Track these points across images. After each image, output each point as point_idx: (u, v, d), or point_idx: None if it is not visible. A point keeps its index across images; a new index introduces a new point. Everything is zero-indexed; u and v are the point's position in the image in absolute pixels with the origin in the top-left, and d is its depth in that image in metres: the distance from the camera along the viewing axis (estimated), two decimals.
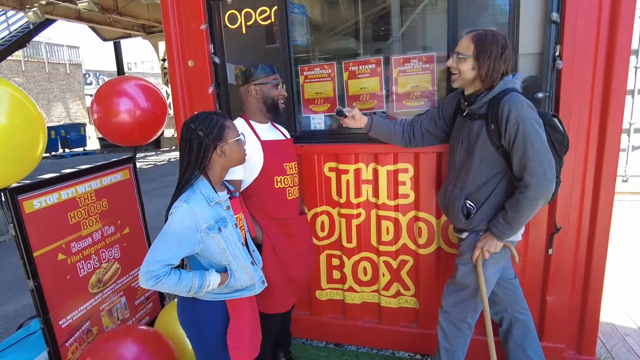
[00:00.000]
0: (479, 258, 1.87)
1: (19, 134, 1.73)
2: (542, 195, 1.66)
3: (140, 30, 14.87)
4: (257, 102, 2.02)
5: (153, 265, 1.42)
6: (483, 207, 1.84)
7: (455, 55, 1.80)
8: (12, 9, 11.02)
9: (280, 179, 2.02)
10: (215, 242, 1.53)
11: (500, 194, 1.82)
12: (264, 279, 1.73)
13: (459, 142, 1.91)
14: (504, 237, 1.79)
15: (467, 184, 1.87)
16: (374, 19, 2.69)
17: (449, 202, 1.95)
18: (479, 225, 1.87)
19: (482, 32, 1.74)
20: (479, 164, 1.81)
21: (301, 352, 2.65)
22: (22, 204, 1.93)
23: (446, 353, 2.08)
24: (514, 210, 1.72)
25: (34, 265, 1.96)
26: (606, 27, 1.94)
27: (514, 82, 1.77)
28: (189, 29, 2.45)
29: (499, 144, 1.74)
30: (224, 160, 1.58)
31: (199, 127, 1.53)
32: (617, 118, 1.98)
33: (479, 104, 1.79)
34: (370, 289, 2.58)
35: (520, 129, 1.65)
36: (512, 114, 1.66)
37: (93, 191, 2.34)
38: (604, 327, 2.76)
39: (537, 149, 1.64)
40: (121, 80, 2.53)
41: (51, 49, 22.33)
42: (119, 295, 2.51)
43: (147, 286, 1.43)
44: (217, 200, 1.55)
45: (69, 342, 2.14)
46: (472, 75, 1.77)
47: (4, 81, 1.77)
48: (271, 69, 2.03)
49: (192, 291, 1.50)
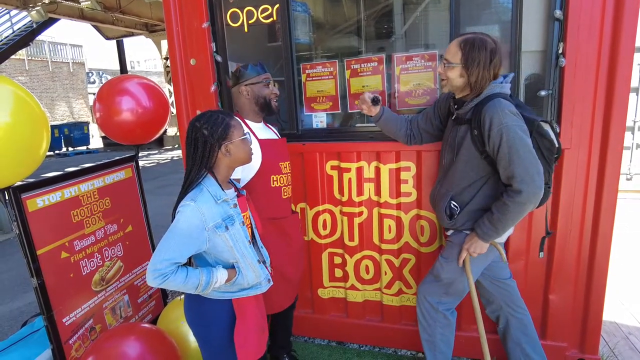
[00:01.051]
0: (467, 259, 1.89)
1: (23, 132, 1.74)
2: (530, 201, 1.65)
3: (143, 29, 14.90)
4: (249, 102, 2.02)
5: (160, 264, 1.42)
6: (467, 208, 1.85)
7: (443, 62, 1.78)
8: (16, 8, 11.06)
9: (276, 178, 2.03)
10: (223, 240, 1.54)
11: (484, 196, 1.83)
12: (269, 278, 1.73)
13: (446, 146, 1.93)
14: (488, 238, 1.79)
15: (452, 185, 1.88)
16: (376, 16, 2.68)
17: (436, 202, 1.99)
18: (463, 225, 1.89)
19: (470, 38, 1.70)
20: (463, 167, 1.82)
21: (303, 351, 2.66)
22: (25, 203, 1.94)
23: (427, 344, 2.10)
24: (501, 213, 1.71)
25: (37, 263, 1.97)
26: (610, 24, 1.93)
27: (502, 86, 1.75)
28: (191, 27, 2.45)
29: (482, 149, 1.74)
30: (229, 159, 1.58)
31: (203, 126, 1.53)
32: (621, 116, 1.97)
33: (466, 109, 1.79)
34: (373, 287, 2.58)
35: (504, 137, 1.63)
36: (494, 122, 1.64)
37: (96, 189, 2.34)
38: (607, 326, 2.75)
39: (522, 155, 1.62)
40: (123, 79, 2.53)
41: (54, 48, 22.42)
42: (122, 293, 2.52)
43: (155, 284, 1.43)
44: (224, 199, 1.56)
45: (72, 340, 2.15)
46: (460, 82, 1.76)
47: (8, 80, 1.78)
48: (261, 67, 2.03)
49: (199, 288, 1.50)
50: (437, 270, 2.02)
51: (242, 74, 1.99)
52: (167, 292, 3.05)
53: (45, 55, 21.72)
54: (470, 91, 1.77)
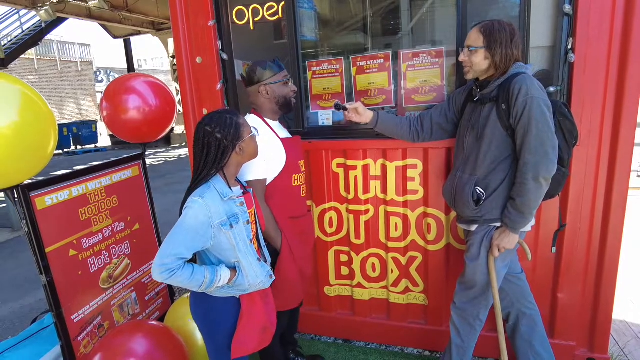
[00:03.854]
0: (490, 257, 1.86)
1: (31, 132, 1.75)
2: (541, 174, 1.66)
3: (150, 27, 14.98)
4: (268, 101, 1.96)
5: (167, 259, 1.43)
6: (494, 195, 1.83)
7: (466, 49, 1.80)
8: (25, 7, 11.17)
9: (297, 177, 2.02)
10: (227, 238, 1.55)
11: (511, 182, 1.80)
12: (271, 273, 1.73)
13: (468, 128, 1.91)
14: (517, 226, 1.77)
15: (476, 169, 1.86)
16: (382, 13, 2.66)
17: (457, 190, 1.93)
18: (489, 213, 1.85)
19: (488, 23, 1.76)
20: (488, 147, 1.81)
21: (310, 348, 2.66)
22: (34, 201, 1.95)
23: (457, 349, 2.07)
24: (520, 195, 1.72)
25: (46, 261, 1.99)
26: (621, 18, 1.89)
27: (526, 67, 1.78)
28: (197, 25, 2.46)
29: (508, 123, 1.75)
30: (240, 157, 1.61)
31: (216, 130, 1.54)
32: (631, 112, 1.94)
33: (491, 87, 1.80)
34: (379, 285, 2.57)
35: (527, 107, 1.66)
36: (522, 92, 1.67)
37: (103, 188, 2.36)
38: (617, 325, 2.72)
39: (541, 128, 1.65)
40: (130, 78, 2.54)
41: (63, 47, 22.63)
42: (130, 290, 2.54)
43: (161, 279, 1.44)
44: (230, 196, 1.57)
45: (81, 337, 2.17)
46: (485, 65, 1.78)
47: (16, 79, 1.79)
48: (278, 65, 1.97)
49: (203, 286, 1.51)
50: (468, 276, 1.96)
51: (261, 74, 1.92)
52: (174, 290, 3.06)
53: (54, 54, 21.94)
54: (495, 71, 1.79)
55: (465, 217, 1.95)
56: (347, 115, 2.13)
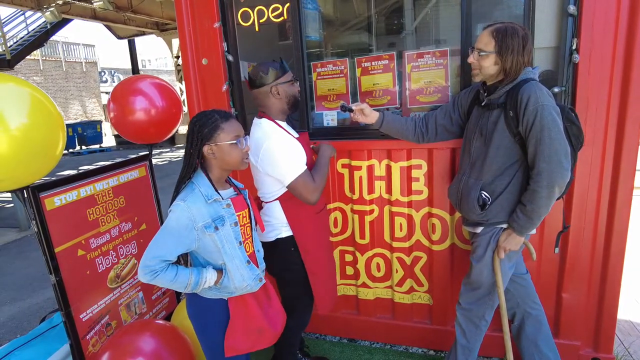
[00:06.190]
0: (496, 258, 1.87)
1: (40, 133, 1.77)
2: (556, 182, 1.65)
3: (154, 28, 15.04)
4: (280, 102, 1.96)
5: (150, 261, 1.46)
6: (499, 199, 1.83)
7: (476, 52, 1.77)
8: (30, 9, 11.26)
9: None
10: (212, 240, 1.55)
11: (517, 185, 1.81)
12: (261, 277, 1.71)
13: (475, 132, 1.90)
14: (524, 231, 1.78)
15: (482, 173, 1.85)
16: (386, 12, 2.67)
17: (463, 194, 1.93)
18: (495, 217, 1.85)
19: (501, 26, 1.71)
20: (495, 153, 1.80)
21: (315, 347, 2.68)
22: (43, 202, 1.98)
23: (462, 350, 2.08)
24: (531, 202, 1.71)
25: (55, 260, 2.01)
26: (625, 18, 1.89)
27: (534, 72, 1.76)
28: (202, 27, 2.48)
29: (516, 131, 1.73)
30: (217, 161, 1.58)
31: (196, 123, 1.55)
32: (636, 112, 1.94)
33: (499, 93, 1.78)
34: (384, 284, 2.58)
35: (539, 116, 1.64)
36: (531, 100, 1.65)
37: (110, 188, 2.38)
38: (622, 325, 2.72)
39: (553, 136, 1.63)
40: (137, 79, 2.57)
41: (68, 48, 22.74)
42: (137, 290, 2.57)
43: (145, 280, 1.47)
44: (215, 199, 1.56)
45: (89, 335, 2.20)
46: (495, 70, 1.76)
47: (24, 82, 1.81)
48: (285, 66, 1.99)
49: (189, 287, 1.53)
50: (474, 276, 1.97)
51: (272, 75, 1.91)
52: None
53: (59, 55, 22.06)
54: (504, 77, 1.77)
55: (470, 220, 1.95)
56: (353, 116, 2.13)
